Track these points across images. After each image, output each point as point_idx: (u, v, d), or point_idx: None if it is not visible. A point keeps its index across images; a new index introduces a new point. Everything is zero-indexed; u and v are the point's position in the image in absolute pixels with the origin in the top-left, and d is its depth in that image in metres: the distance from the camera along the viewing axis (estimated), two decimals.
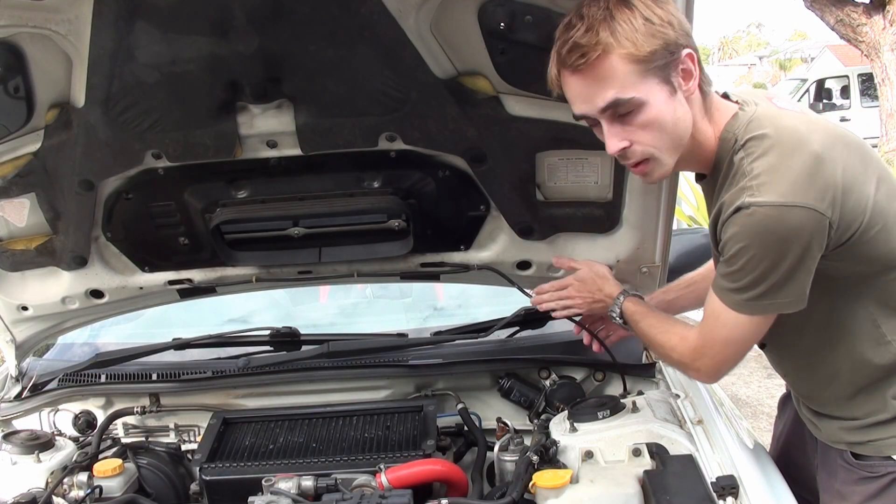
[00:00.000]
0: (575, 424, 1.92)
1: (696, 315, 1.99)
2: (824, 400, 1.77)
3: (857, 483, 1.71)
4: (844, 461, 1.74)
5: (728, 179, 1.56)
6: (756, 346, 1.85)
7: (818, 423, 1.81)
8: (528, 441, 2.06)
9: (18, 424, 2.41)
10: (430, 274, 2.33)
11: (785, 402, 2.14)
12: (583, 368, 2.34)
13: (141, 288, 2.35)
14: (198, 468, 2.05)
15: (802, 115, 1.60)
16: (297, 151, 1.94)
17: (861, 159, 1.56)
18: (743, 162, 1.52)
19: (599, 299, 2.04)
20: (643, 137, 1.54)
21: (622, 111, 1.50)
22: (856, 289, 1.62)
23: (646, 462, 1.82)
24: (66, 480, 2.04)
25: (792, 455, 2.03)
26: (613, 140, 1.54)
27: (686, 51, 1.49)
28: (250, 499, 1.78)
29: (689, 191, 6.82)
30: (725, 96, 1.66)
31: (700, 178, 1.73)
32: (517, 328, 2.45)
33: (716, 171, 1.62)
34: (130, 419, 2.38)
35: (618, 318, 1.99)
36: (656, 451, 1.84)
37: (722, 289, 1.61)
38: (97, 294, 2.35)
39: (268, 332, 2.42)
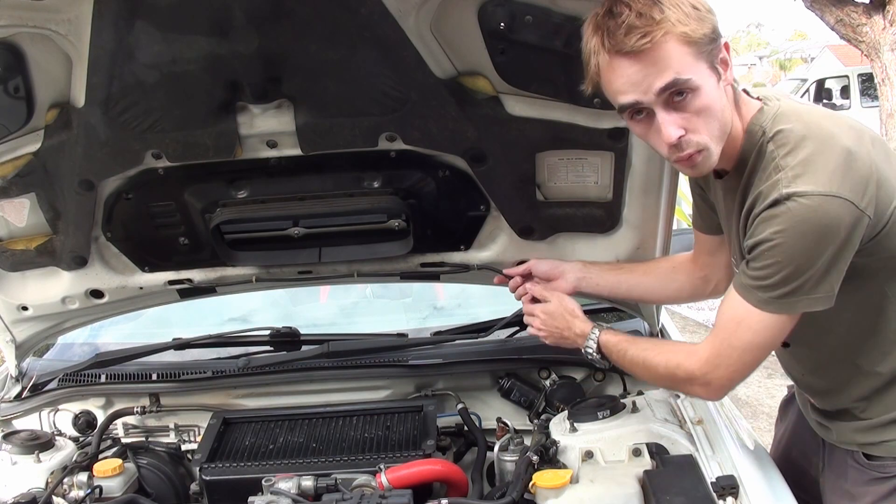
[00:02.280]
0: (575, 424, 1.92)
1: None
2: (841, 400, 1.75)
3: (868, 484, 1.70)
4: (855, 462, 1.73)
5: (759, 171, 1.53)
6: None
7: (829, 425, 1.80)
8: (528, 441, 2.06)
9: (18, 424, 2.41)
10: (430, 274, 2.33)
11: (787, 405, 2.12)
12: (583, 368, 2.34)
13: (141, 288, 2.35)
14: (198, 468, 2.06)
15: (825, 111, 1.60)
16: (297, 151, 1.94)
17: (885, 153, 1.55)
18: (775, 154, 1.50)
19: (567, 337, 1.95)
20: (698, 125, 1.49)
21: (677, 96, 1.46)
22: (885, 284, 1.61)
23: (646, 462, 1.82)
24: (66, 480, 2.04)
25: (793, 458, 2.02)
26: (671, 127, 1.48)
27: (723, 39, 1.49)
28: (250, 499, 1.78)
29: (690, 191, 6.82)
30: (745, 93, 1.64)
31: (718, 176, 1.70)
32: (517, 328, 2.45)
33: (741, 164, 1.59)
34: (130, 419, 2.38)
35: (594, 354, 1.88)
36: (656, 451, 1.84)
37: (749, 287, 1.55)
38: (97, 294, 2.35)
39: (268, 332, 2.42)
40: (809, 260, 1.47)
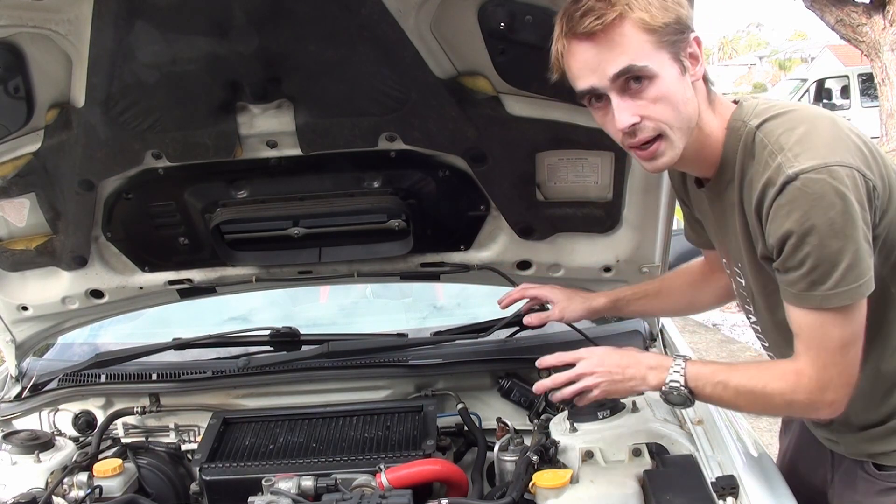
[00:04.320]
0: (575, 424, 1.92)
1: None
2: (845, 412, 1.66)
3: (879, 494, 1.66)
4: (865, 472, 1.68)
5: (751, 165, 1.48)
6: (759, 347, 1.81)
7: (836, 437, 1.75)
8: (528, 441, 2.06)
9: (18, 424, 2.40)
10: (430, 274, 2.33)
11: (789, 419, 2.07)
12: None
13: (141, 288, 2.35)
14: (198, 468, 2.05)
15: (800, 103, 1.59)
16: (297, 151, 1.94)
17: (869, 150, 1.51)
18: (766, 141, 1.46)
19: (633, 376, 1.65)
20: (655, 112, 1.46)
21: (633, 83, 1.44)
22: (888, 285, 1.55)
23: (646, 462, 1.82)
24: (66, 480, 2.04)
25: (801, 471, 1.94)
26: (624, 114, 1.45)
27: (694, 34, 1.47)
28: (250, 499, 1.78)
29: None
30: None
31: (700, 185, 1.66)
32: (517, 328, 2.45)
33: (726, 163, 1.55)
34: (130, 419, 2.38)
35: (682, 388, 1.59)
36: (656, 451, 1.84)
37: (801, 296, 1.46)
38: (97, 294, 2.36)
39: (268, 332, 2.42)
40: (843, 233, 1.39)
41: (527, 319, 2.12)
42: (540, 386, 1.71)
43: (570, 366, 1.71)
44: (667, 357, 1.66)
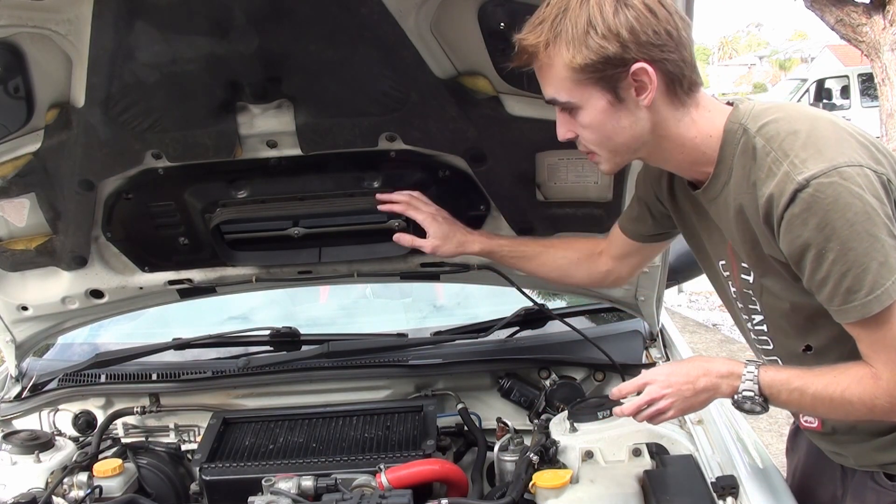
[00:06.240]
0: (575, 424, 1.92)
1: None
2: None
3: None
4: (876, 483, 1.61)
5: (752, 170, 1.44)
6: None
7: (843, 450, 1.70)
8: (528, 441, 2.06)
9: (18, 424, 2.41)
10: (430, 274, 2.33)
11: (795, 436, 2.01)
12: (583, 368, 2.34)
13: (141, 288, 2.35)
14: (198, 468, 2.06)
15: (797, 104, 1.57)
16: (297, 151, 1.94)
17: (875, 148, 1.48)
18: (769, 147, 1.42)
19: (705, 386, 1.56)
20: (584, 135, 1.55)
21: (564, 108, 1.53)
22: None
23: (646, 462, 1.82)
24: (66, 480, 2.04)
25: (810, 488, 1.88)
26: (561, 129, 1.57)
27: (638, 65, 1.41)
28: (250, 499, 1.78)
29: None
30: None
31: (693, 187, 1.63)
32: (517, 328, 2.45)
33: (721, 167, 1.52)
34: (130, 419, 2.38)
35: (757, 396, 1.52)
36: (656, 451, 1.84)
37: (843, 310, 1.40)
38: (97, 294, 2.36)
39: (268, 331, 2.43)
40: (867, 232, 1.34)
41: (396, 237, 2.05)
42: (620, 411, 1.65)
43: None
44: (737, 363, 1.57)
